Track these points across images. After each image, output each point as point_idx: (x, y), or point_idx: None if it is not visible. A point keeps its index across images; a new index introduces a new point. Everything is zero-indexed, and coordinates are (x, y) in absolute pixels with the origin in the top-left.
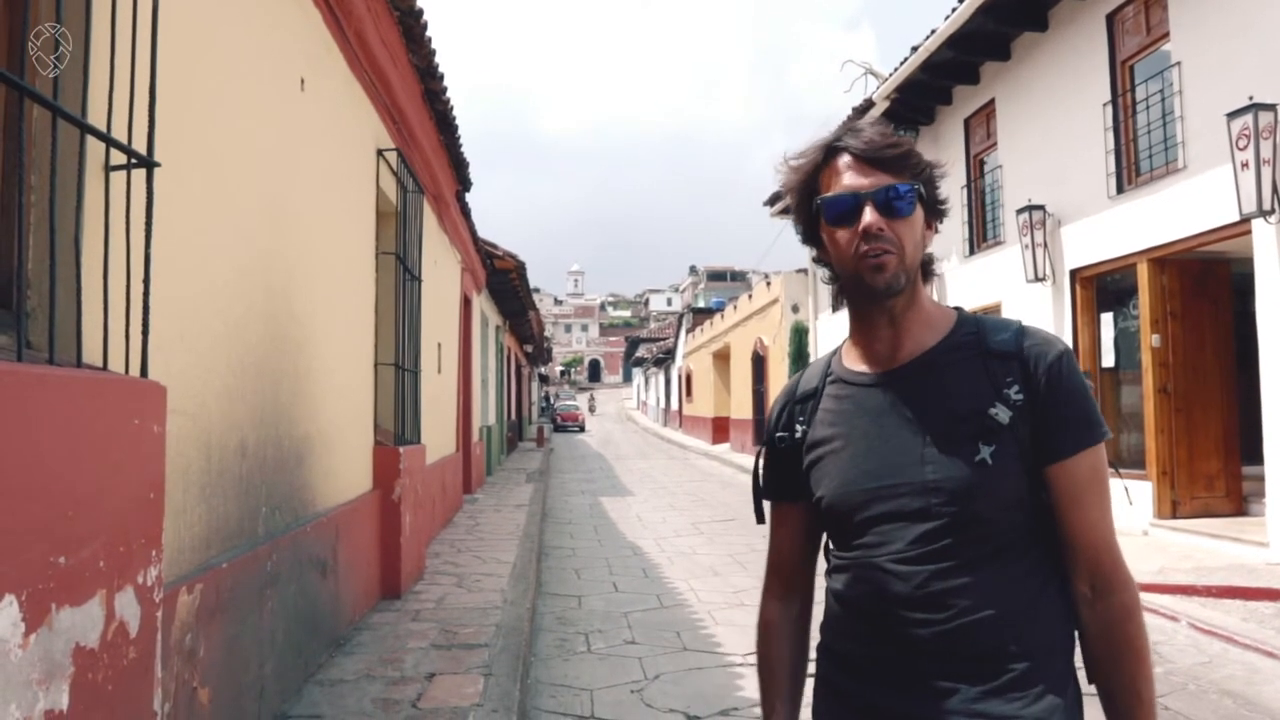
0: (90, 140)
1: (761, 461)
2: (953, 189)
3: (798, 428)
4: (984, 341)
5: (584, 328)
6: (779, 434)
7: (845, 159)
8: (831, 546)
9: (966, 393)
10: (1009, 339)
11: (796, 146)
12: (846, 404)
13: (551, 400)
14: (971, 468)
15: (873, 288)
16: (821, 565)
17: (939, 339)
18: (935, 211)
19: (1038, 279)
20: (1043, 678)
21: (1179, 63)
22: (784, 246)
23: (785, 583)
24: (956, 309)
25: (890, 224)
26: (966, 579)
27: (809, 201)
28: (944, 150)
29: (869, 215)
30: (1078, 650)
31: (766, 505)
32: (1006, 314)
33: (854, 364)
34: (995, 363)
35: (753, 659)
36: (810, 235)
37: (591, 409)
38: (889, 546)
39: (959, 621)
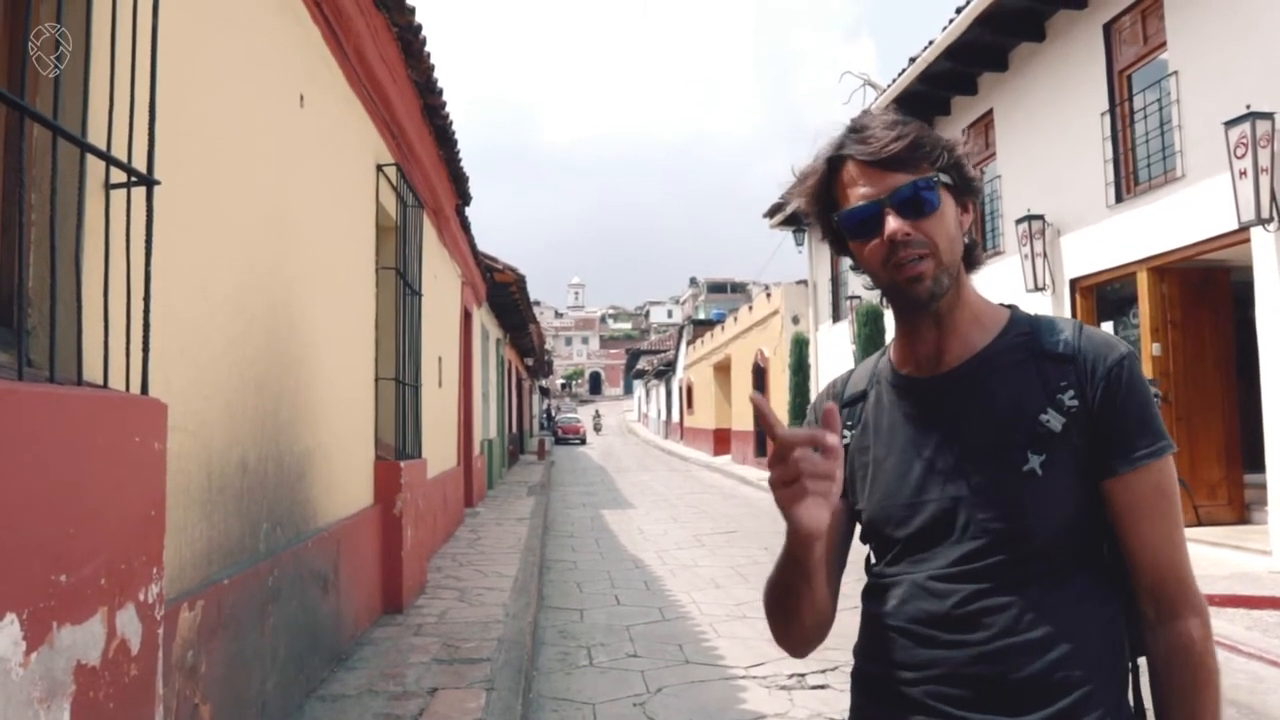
0: (90, 159)
1: None
2: None
3: (846, 433)
4: (1038, 342)
5: (585, 340)
6: None
7: (853, 167)
8: (872, 561)
9: (1017, 398)
10: (1065, 340)
11: (802, 161)
12: (891, 410)
13: (553, 413)
14: (1020, 479)
15: (916, 299)
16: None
17: (989, 340)
18: (966, 192)
19: (1038, 288)
20: (1094, 710)
21: (1176, 72)
22: (784, 258)
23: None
24: (1010, 307)
25: (917, 224)
26: (1010, 598)
27: (828, 217)
28: None
29: (892, 222)
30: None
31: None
32: None
33: (901, 366)
34: (1049, 365)
35: (756, 671)
36: (841, 246)
37: (597, 428)
38: (930, 563)
39: (999, 644)
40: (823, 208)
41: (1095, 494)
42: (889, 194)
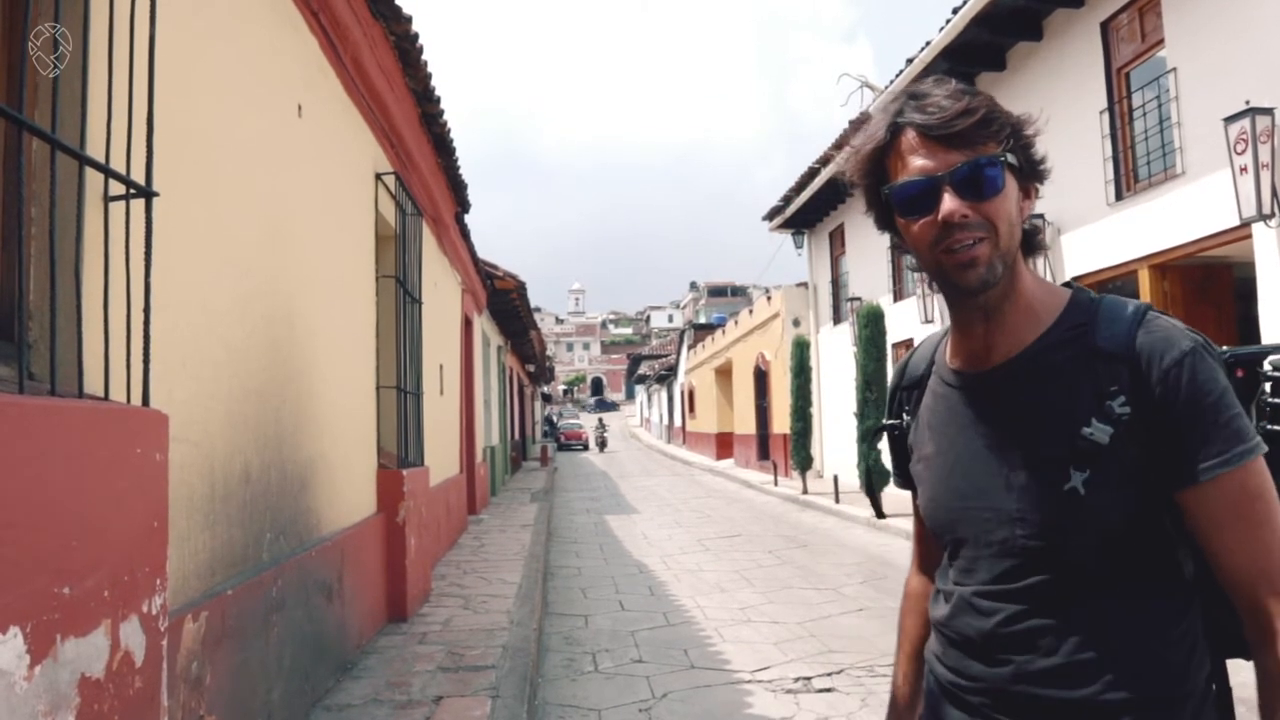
0: (89, 171)
1: (886, 446)
2: None
3: (905, 416)
4: (1092, 337)
5: (586, 346)
6: (891, 421)
7: (911, 137)
8: (943, 562)
9: (1062, 404)
10: (1119, 334)
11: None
12: (941, 405)
13: (554, 420)
14: (1061, 498)
15: (964, 286)
16: None
17: (1039, 334)
18: (1033, 175)
19: None
20: None
21: (1174, 69)
22: (784, 261)
23: (926, 557)
24: (1073, 288)
25: (977, 206)
26: (1055, 619)
27: (878, 189)
28: None
29: (949, 202)
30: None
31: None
32: None
33: (952, 358)
34: (1101, 365)
35: (761, 675)
36: (886, 222)
37: (602, 442)
38: (975, 576)
39: (1043, 664)
40: (873, 180)
41: (1159, 505)
42: (948, 171)
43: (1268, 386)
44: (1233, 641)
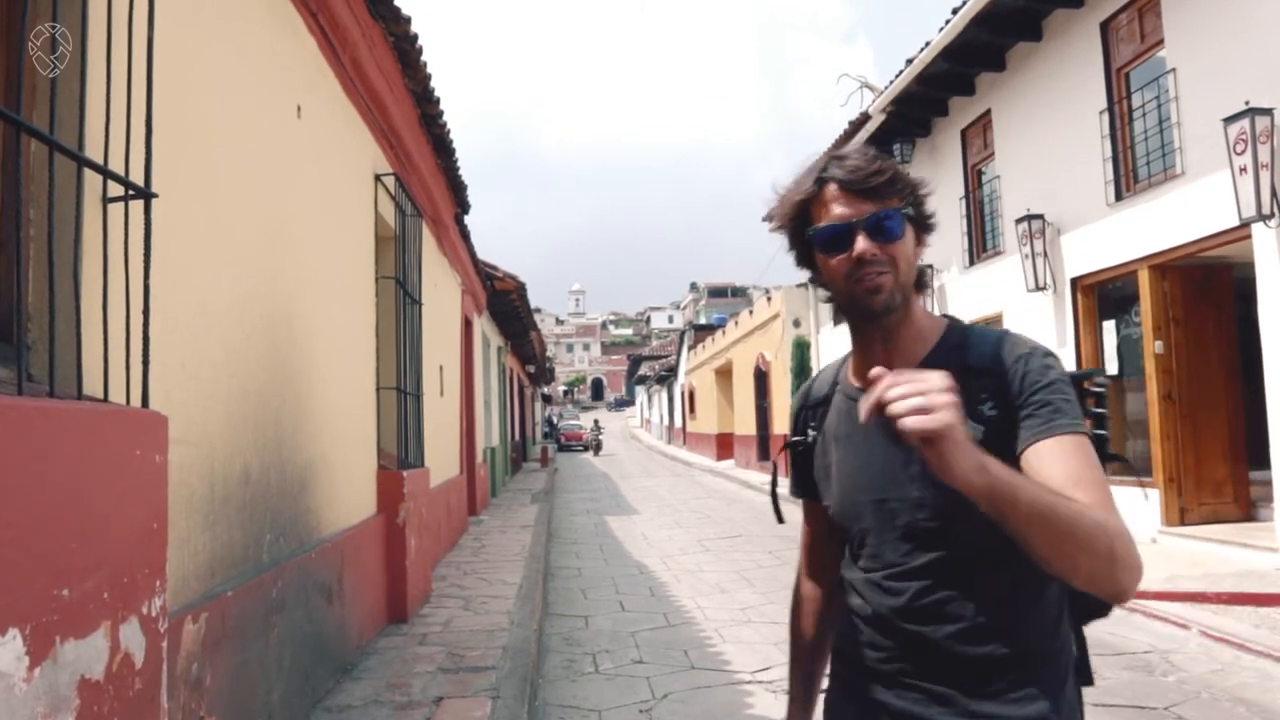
0: (88, 173)
1: (783, 463)
2: (951, 200)
3: (810, 433)
4: (964, 356)
5: (586, 347)
6: (795, 438)
7: (832, 189)
8: (846, 556)
9: None
10: (987, 353)
11: (785, 179)
12: (846, 418)
13: (555, 421)
14: (945, 485)
15: (870, 309)
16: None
17: (925, 354)
18: (924, 227)
19: (1039, 288)
20: (1036, 681)
21: (1174, 69)
22: (784, 261)
23: (814, 563)
24: (947, 318)
25: (883, 248)
26: (954, 591)
27: (801, 232)
28: (941, 162)
29: (861, 243)
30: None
31: (789, 504)
32: (1008, 324)
33: (854, 377)
34: (971, 379)
35: (762, 676)
36: (805, 260)
37: (597, 445)
38: (881, 560)
39: (949, 630)
40: (798, 224)
41: None
42: (863, 218)
43: (1090, 401)
44: (1086, 608)
